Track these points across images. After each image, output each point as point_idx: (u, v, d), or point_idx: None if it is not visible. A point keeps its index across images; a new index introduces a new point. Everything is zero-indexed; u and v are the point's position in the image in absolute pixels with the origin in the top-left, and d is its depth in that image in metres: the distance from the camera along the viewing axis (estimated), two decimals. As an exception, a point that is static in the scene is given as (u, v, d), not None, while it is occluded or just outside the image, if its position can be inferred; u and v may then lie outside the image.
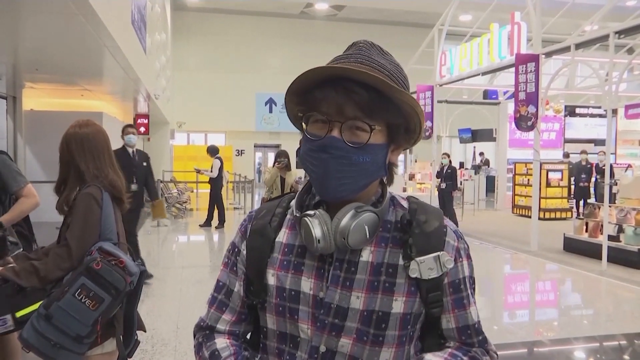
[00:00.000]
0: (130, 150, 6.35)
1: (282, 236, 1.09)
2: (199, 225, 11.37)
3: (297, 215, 1.05)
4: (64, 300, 1.93)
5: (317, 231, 0.99)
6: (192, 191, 17.40)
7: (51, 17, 5.15)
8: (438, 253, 1.00)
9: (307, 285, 1.03)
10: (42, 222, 4.67)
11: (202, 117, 22.43)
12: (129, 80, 9.21)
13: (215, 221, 11.18)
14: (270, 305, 1.06)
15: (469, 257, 1.08)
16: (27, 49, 7.00)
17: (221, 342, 1.10)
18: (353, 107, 0.96)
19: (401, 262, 1.01)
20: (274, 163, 7.44)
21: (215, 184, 11.20)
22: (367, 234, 0.98)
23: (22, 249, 2.86)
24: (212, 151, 11.34)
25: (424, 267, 0.99)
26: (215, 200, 11.21)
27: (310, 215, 1.01)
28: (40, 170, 10.54)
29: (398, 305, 1.00)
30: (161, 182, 12.71)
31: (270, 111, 23.72)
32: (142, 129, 14.48)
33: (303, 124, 1.04)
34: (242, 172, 17.70)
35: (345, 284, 1.01)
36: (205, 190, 12.47)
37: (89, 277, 1.95)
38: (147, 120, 14.48)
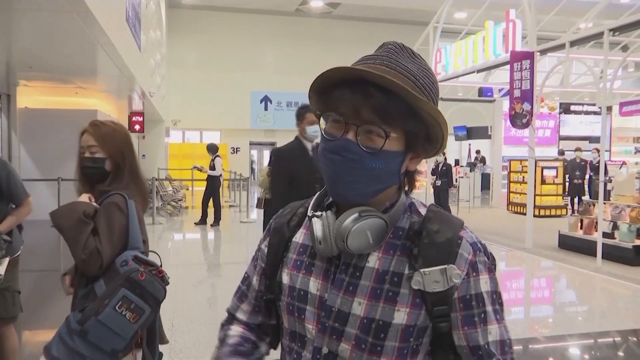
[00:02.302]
0: (309, 146, 4.42)
1: (299, 236, 1.10)
2: (194, 223, 11.35)
3: (309, 215, 1.05)
4: (104, 314, 1.85)
5: (318, 232, 0.99)
6: (188, 189, 17.37)
7: (45, 14, 5.13)
8: (445, 266, 0.94)
9: (314, 286, 1.03)
10: (37, 220, 4.65)
11: (198, 114, 22.38)
12: (123, 78, 9.18)
13: (210, 219, 11.17)
14: (283, 303, 1.08)
15: (490, 271, 0.99)
16: (21, 47, 6.97)
17: (234, 330, 1.18)
18: (370, 110, 0.93)
19: (407, 271, 0.97)
20: (269, 161, 7.45)
21: (214, 182, 11.19)
22: (370, 239, 0.95)
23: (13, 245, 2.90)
24: (213, 149, 11.30)
25: (429, 279, 0.94)
26: (213, 198, 11.20)
27: (317, 216, 1.01)
28: (35, 168, 10.50)
29: (400, 316, 0.95)
30: (156, 180, 12.67)
31: (266, 109, 23.69)
32: (137, 127, 14.44)
33: (322, 122, 1.02)
34: (238, 170, 17.69)
35: (349, 288, 0.99)
36: (201, 188, 12.45)
37: (129, 289, 1.88)
38: (141, 118, 14.41)
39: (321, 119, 1.03)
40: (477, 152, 20.35)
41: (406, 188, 1.07)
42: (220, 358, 1.13)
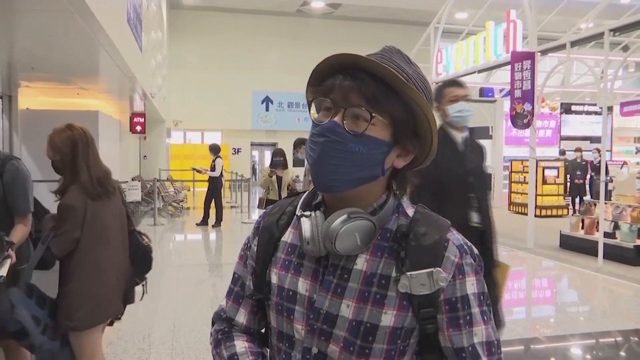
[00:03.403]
0: (458, 136, 3.07)
1: (288, 236, 1.10)
2: (196, 224, 11.36)
3: (297, 214, 1.05)
4: None
5: (306, 233, 0.99)
6: (189, 190, 17.38)
7: (46, 15, 5.13)
8: (432, 269, 0.95)
9: (303, 286, 1.03)
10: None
11: (199, 115, 22.40)
12: (124, 78, 9.19)
13: (212, 220, 11.18)
14: (272, 303, 1.07)
15: (477, 272, 0.99)
16: (23, 47, 6.97)
17: (240, 346, 1.12)
18: (358, 95, 0.95)
19: (394, 274, 0.97)
20: (271, 162, 7.47)
21: (215, 182, 11.19)
22: (358, 241, 0.96)
23: (15, 246, 2.87)
24: (215, 150, 11.30)
25: (415, 282, 0.94)
26: (215, 199, 11.20)
27: (305, 216, 1.01)
28: (37, 169, 10.48)
29: (388, 319, 0.96)
30: (157, 180, 12.68)
31: (267, 109, 23.70)
32: (138, 128, 14.45)
33: (313, 112, 1.03)
34: (239, 171, 17.70)
35: (337, 290, 0.99)
36: (202, 189, 12.45)
37: None
38: (143, 118, 14.42)
39: (313, 107, 1.03)
40: None
41: (396, 191, 1.06)
42: None
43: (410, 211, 1.04)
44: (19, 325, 2.40)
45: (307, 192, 1.11)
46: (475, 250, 1.02)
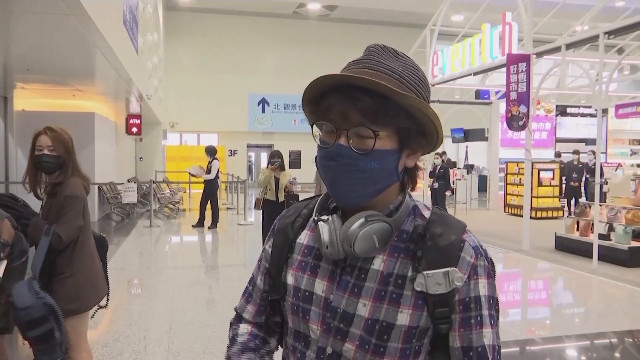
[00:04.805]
0: None
1: (304, 237, 1.12)
2: (192, 226, 11.35)
3: (315, 218, 1.07)
4: None
5: (325, 236, 1.01)
6: (185, 192, 17.35)
7: (42, 17, 5.13)
8: (448, 269, 0.96)
9: (320, 287, 1.05)
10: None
11: (195, 117, 22.38)
12: (120, 80, 9.18)
13: (208, 221, 11.17)
14: (287, 303, 1.10)
15: (489, 276, 1.01)
16: (19, 49, 6.97)
17: (243, 328, 1.20)
18: (357, 113, 0.95)
19: (410, 273, 0.99)
20: (268, 164, 7.46)
21: (211, 184, 11.18)
22: (376, 243, 0.98)
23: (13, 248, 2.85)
24: (211, 152, 11.26)
25: (431, 281, 0.96)
26: (211, 200, 11.19)
27: (323, 220, 1.03)
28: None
29: (403, 318, 0.98)
30: (153, 182, 12.66)
31: (263, 111, 23.69)
32: (135, 130, 14.43)
33: (316, 132, 1.04)
34: (235, 173, 17.68)
35: (354, 290, 1.01)
36: (198, 190, 12.42)
37: None
38: (139, 120, 14.41)
39: (315, 128, 1.04)
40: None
41: (409, 190, 1.08)
42: (231, 357, 1.14)
43: (426, 213, 1.06)
44: (43, 312, 2.37)
45: (323, 195, 1.13)
46: (490, 254, 1.04)
